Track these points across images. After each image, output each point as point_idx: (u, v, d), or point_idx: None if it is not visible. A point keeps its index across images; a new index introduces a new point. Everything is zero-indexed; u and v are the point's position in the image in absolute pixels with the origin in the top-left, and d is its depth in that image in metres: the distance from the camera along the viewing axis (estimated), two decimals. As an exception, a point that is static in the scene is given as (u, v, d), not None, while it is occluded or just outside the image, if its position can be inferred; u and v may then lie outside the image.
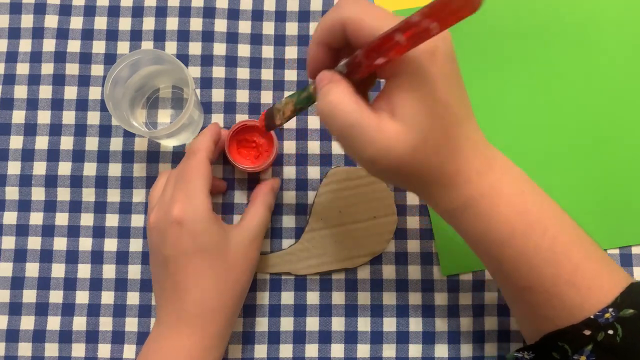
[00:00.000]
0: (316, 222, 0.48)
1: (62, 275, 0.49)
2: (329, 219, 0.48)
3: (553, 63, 0.52)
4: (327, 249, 0.48)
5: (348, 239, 0.48)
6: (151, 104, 0.51)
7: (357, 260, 0.48)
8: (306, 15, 0.53)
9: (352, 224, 0.48)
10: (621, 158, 0.51)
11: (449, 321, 0.49)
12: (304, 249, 0.48)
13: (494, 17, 0.52)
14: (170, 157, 0.51)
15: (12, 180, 0.50)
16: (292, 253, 0.48)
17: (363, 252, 0.48)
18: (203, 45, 0.52)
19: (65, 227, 0.50)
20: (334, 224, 0.48)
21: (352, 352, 0.49)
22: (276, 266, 0.48)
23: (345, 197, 0.48)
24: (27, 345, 0.48)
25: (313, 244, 0.48)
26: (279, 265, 0.48)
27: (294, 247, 0.48)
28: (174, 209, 0.41)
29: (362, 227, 0.48)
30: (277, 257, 0.48)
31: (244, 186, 0.50)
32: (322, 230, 0.48)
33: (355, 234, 0.48)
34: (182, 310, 0.41)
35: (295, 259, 0.48)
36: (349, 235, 0.48)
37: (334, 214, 0.48)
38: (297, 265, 0.48)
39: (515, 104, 0.51)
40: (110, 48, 0.52)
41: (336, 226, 0.48)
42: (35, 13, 0.52)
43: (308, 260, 0.48)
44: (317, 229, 0.48)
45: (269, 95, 0.52)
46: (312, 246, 0.48)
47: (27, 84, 0.51)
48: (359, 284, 0.49)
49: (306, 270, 0.48)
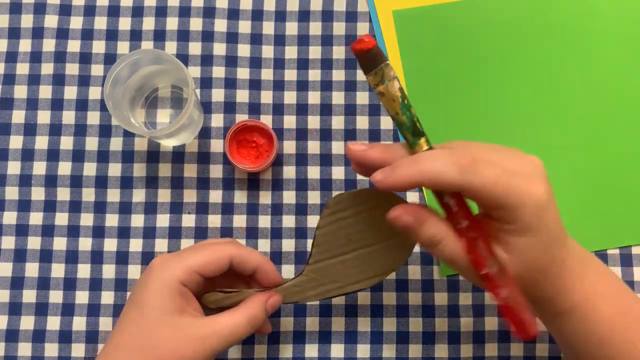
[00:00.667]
0: (321, 254, 0.44)
1: (62, 275, 0.49)
2: (336, 248, 0.43)
3: (553, 63, 0.52)
4: (338, 275, 0.44)
5: (361, 263, 0.44)
6: (150, 104, 0.51)
7: (374, 280, 0.44)
8: (306, 15, 0.53)
9: (363, 248, 0.44)
10: (621, 158, 0.51)
11: (449, 321, 0.49)
12: (311, 280, 0.44)
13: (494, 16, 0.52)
14: (170, 157, 0.51)
15: (12, 180, 0.50)
16: (299, 285, 0.44)
17: (380, 271, 0.44)
18: (203, 45, 0.52)
19: (65, 227, 0.50)
20: (343, 251, 0.43)
21: (352, 352, 0.49)
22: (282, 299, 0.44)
23: (354, 224, 0.43)
24: (27, 345, 0.48)
25: (320, 274, 0.44)
26: (285, 297, 0.44)
27: (298, 279, 0.44)
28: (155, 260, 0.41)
29: (375, 249, 0.44)
30: (283, 290, 0.43)
31: (244, 186, 0.50)
32: (329, 260, 0.44)
33: (368, 256, 0.44)
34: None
35: (303, 289, 0.44)
36: (361, 260, 0.44)
37: (342, 242, 0.43)
38: (305, 295, 0.44)
39: (515, 104, 0.51)
40: (110, 48, 0.52)
41: (345, 254, 0.44)
42: (35, 13, 0.52)
43: (318, 288, 0.44)
44: (323, 260, 0.44)
45: (269, 95, 0.52)
46: (320, 276, 0.44)
47: (27, 84, 0.51)
48: (359, 284, 0.49)
49: (317, 298, 0.44)
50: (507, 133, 0.51)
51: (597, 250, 0.50)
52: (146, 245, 0.50)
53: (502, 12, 0.52)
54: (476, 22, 0.52)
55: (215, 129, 0.51)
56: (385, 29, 0.52)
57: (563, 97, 0.51)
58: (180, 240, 0.50)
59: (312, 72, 0.52)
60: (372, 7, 0.53)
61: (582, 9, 0.52)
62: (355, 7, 0.53)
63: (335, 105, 0.51)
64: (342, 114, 0.51)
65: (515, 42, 0.52)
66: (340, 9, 0.53)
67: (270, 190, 0.50)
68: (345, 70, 0.52)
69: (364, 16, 0.53)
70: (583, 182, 0.50)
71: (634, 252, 0.50)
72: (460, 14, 0.52)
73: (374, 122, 0.51)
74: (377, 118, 0.51)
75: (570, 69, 0.52)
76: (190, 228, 0.50)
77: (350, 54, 0.52)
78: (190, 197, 0.50)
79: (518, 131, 0.51)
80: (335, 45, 0.52)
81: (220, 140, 0.51)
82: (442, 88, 0.52)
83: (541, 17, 0.52)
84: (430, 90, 0.52)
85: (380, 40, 0.52)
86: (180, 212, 0.50)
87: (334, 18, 0.53)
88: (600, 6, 0.52)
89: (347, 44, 0.52)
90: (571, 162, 0.51)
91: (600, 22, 0.52)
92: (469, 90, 0.52)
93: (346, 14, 0.53)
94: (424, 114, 0.51)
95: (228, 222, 0.50)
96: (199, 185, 0.50)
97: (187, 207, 0.50)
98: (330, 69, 0.52)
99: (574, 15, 0.52)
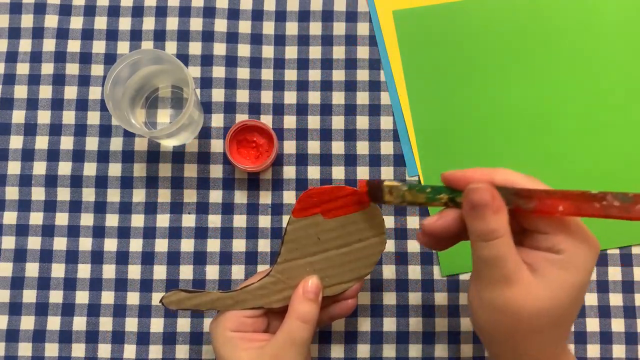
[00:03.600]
0: (290, 253, 0.42)
1: (62, 275, 0.49)
2: (306, 248, 0.42)
3: (553, 62, 0.52)
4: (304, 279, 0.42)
5: (329, 267, 0.42)
6: (150, 104, 0.51)
7: (337, 288, 0.43)
8: (306, 15, 0.53)
9: (333, 249, 0.42)
10: (622, 157, 0.51)
11: (449, 321, 0.49)
12: (277, 282, 0.42)
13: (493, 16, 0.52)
14: (171, 157, 0.51)
15: (12, 180, 0.50)
16: (264, 287, 0.42)
17: (347, 278, 0.43)
18: (203, 45, 0.52)
19: (65, 227, 0.50)
20: (312, 252, 0.42)
21: (352, 352, 0.49)
22: (247, 302, 0.42)
23: (325, 221, 0.42)
24: (27, 345, 0.48)
25: (287, 275, 0.42)
26: (250, 300, 0.42)
27: (264, 280, 0.42)
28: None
29: (345, 253, 0.42)
30: (247, 292, 0.42)
31: (244, 186, 0.50)
32: (297, 260, 0.42)
33: (337, 260, 0.42)
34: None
35: (268, 292, 0.42)
36: (330, 263, 0.42)
37: (311, 241, 0.42)
38: (270, 299, 0.42)
39: (515, 103, 0.51)
40: (110, 48, 0.52)
41: (314, 254, 0.42)
42: (35, 13, 0.52)
43: (284, 292, 0.42)
44: (291, 259, 0.42)
45: (269, 95, 0.52)
46: (287, 277, 0.42)
47: (27, 84, 0.51)
48: (359, 284, 0.49)
49: (282, 303, 0.42)
50: (507, 133, 0.51)
51: (597, 250, 0.50)
52: (146, 245, 0.50)
53: (502, 12, 0.52)
54: (476, 22, 0.52)
55: (215, 129, 0.51)
56: (385, 29, 0.52)
57: (563, 97, 0.51)
58: (180, 240, 0.50)
59: (312, 72, 0.52)
60: (372, 7, 0.53)
61: (581, 8, 0.52)
62: (355, 7, 0.53)
63: (335, 105, 0.52)
64: (342, 114, 0.51)
65: (515, 41, 0.52)
66: (340, 9, 0.53)
67: (270, 190, 0.50)
68: (345, 70, 0.52)
69: (364, 16, 0.53)
70: (583, 181, 0.50)
71: (634, 252, 0.50)
72: (460, 14, 0.52)
73: (374, 122, 0.51)
74: (377, 118, 0.51)
75: (571, 68, 0.52)
76: (190, 228, 0.50)
77: (350, 54, 0.52)
78: (190, 197, 0.50)
79: (518, 131, 0.51)
80: (335, 45, 0.52)
81: (220, 140, 0.51)
82: (442, 88, 0.52)
83: (541, 17, 0.52)
84: (430, 90, 0.52)
85: (381, 40, 0.52)
86: (180, 212, 0.50)
87: (334, 18, 0.53)
88: (599, 6, 0.52)
89: (347, 44, 0.52)
90: (571, 162, 0.51)
91: (600, 21, 0.52)
92: (469, 90, 0.52)
93: (346, 14, 0.53)
94: (424, 114, 0.51)
95: (228, 222, 0.50)
96: (199, 185, 0.50)
97: (187, 207, 0.50)
98: (330, 69, 0.52)
99: (574, 15, 0.52)
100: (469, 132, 0.51)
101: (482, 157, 0.51)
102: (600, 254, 0.50)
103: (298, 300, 0.41)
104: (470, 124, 0.51)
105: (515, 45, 0.52)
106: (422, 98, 0.51)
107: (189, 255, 0.50)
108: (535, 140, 0.51)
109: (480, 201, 0.34)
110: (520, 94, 0.52)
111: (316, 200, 0.42)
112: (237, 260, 0.50)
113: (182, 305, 0.42)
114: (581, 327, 0.49)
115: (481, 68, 0.52)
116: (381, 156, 0.51)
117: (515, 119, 0.51)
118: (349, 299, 0.44)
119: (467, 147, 0.51)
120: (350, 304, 0.44)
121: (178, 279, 0.49)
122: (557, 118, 0.51)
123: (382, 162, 0.51)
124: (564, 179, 0.50)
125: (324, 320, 0.44)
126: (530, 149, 0.51)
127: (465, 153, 0.51)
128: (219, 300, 0.42)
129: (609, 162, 0.51)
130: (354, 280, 0.43)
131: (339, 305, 0.44)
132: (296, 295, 0.41)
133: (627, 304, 0.49)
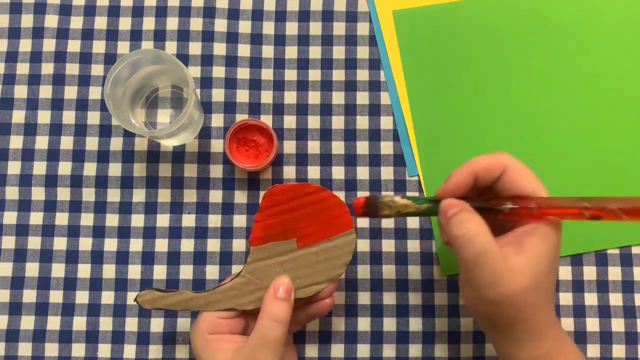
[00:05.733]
0: (259, 252, 0.42)
1: (62, 275, 0.49)
2: (275, 247, 0.42)
3: (553, 62, 0.52)
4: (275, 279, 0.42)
5: (299, 267, 0.42)
6: (150, 104, 0.51)
7: (310, 289, 0.43)
8: (306, 15, 0.53)
9: (302, 249, 0.42)
10: (622, 158, 0.51)
11: (449, 321, 0.49)
12: (248, 282, 0.42)
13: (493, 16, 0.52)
14: (171, 157, 0.51)
15: (12, 180, 0.50)
16: (236, 288, 0.42)
17: (317, 280, 0.43)
18: (203, 45, 0.52)
19: (65, 227, 0.50)
20: (281, 251, 0.42)
21: (352, 352, 0.49)
22: (219, 303, 0.42)
23: (292, 220, 0.42)
24: (27, 345, 0.48)
25: (258, 275, 0.42)
26: (222, 301, 0.42)
27: (235, 281, 0.42)
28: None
29: (314, 252, 0.42)
30: (219, 293, 0.42)
31: (244, 186, 0.50)
32: (267, 260, 0.42)
33: (306, 260, 0.42)
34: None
35: (240, 293, 0.42)
36: (299, 263, 0.42)
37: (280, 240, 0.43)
38: (242, 300, 0.42)
39: (514, 103, 0.51)
40: (110, 48, 0.52)
41: (284, 254, 0.42)
42: (35, 13, 0.52)
43: (255, 294, 0.42)
44: (261, 259, 0.42)
45: (269, 95, 0.52)
46: (257, 278, 0.42)
47: (27, 84, 0.51)
48: (359, 284, 0.49)
49: (254, 305, 0.42)
50: (506, 132, 0.51)
51: (597, 250, 0.50)
52: (146, 245, 0.50)
53: (502, 12, 0.53)
54: (476, 22, 0.52)
55: (215, 129, 0.51)
56: (385, 29, 0.52)
57: (563, 96, 0.51)
58: (180, 240, 0.50)
59: (312, 72, 0.52)
60: (372, 7, 0.53)
61: (581, 8, 0.52)
62: (355, 7, 0.53)
63: (335, 105, 0.52)
64: (342, 114, 0.51)
65: (515, 41, 0.52)
66: (340, 9, 0.53)
67: (270, 190, 0.50)
68: (345, 70, 0.52)
69: (364, 16, 0.53)
70: (583, 181, 0.50)
71: (634, 252, 0.50)
72: (460, 14, 0.52)
73: (374, 122, 0.51)
74: (377, 118, 0.51)
75: (571, 68, 0.52)
76: (190, 228, 0.50)
77: (350, 54, 0.52)
78: (190, 197, 0.50)
79: (518, 130, 0.51)
80: (335, 45, 0.52)
81: (220, 140, 0.51)
82: (442, 88, 0.52)
83: (541, 17, 0.52)
84: (430, 90, 0.52)
85: (381, 40, 0.52)
86: (180, 212, 0.50)
87: (334, 18, 0.53)
88: (599, 6, 0.52)
89: (347, 44, 0.52)
90: (571, 161, 0.51)
91: (600, 21, 0.52)
92: (469, 90, 0.52)
93: (346, 14, 0.53)
94: (424, 114, 0.51)
95: (228, 222, 0.50)
96: (199, 185, 0.50)
97: (187, 207, 0.50)
98: (330, 69, 0.52)
99: (574, 15, 0.52)
100: (469, 131, 0.51)
101: (482, 157, 0.51)
102: (600, 254, 0.50)
103: (270, 300, 0.41)
104: (470, 123, 0.51)
105: (515, 45, 0.52)
106: (422, 98, 0.51)
107: (189, 255, 0.50)
108: (535, 140, 0.51)
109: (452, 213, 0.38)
110: (520, 94, 0.52)
111: (280, 198, 0.42)
112: (237, 260, 0.50)
113: (156, 304, 0.43)
114: (581, 327, 0.49)
115: (481, 68, 0.52)
116: (381, 156, 0.51)
117: (515, 119, 0.51)
118: (324, 298, 0.44)
119: (467, 147, 0.51)
120: (326, 304, 0.44)
121: (178, 279, 0.49)
122: (557, 118, 0.51)
123: (382, 162, 0.51)
124: (564, 179, 0.50)
125: (301, 320, 0.45)
126: (530, 149, 0.51)
127: (465, 153, 0.51)
128: (192, 301, 0.43)
129: (608, 162, 0.51)
130: (326, 281, 0.43)
131: (315, 306, 0.44)
132: (268, 295, 0.41)
133: (627, 304, 0.49)
